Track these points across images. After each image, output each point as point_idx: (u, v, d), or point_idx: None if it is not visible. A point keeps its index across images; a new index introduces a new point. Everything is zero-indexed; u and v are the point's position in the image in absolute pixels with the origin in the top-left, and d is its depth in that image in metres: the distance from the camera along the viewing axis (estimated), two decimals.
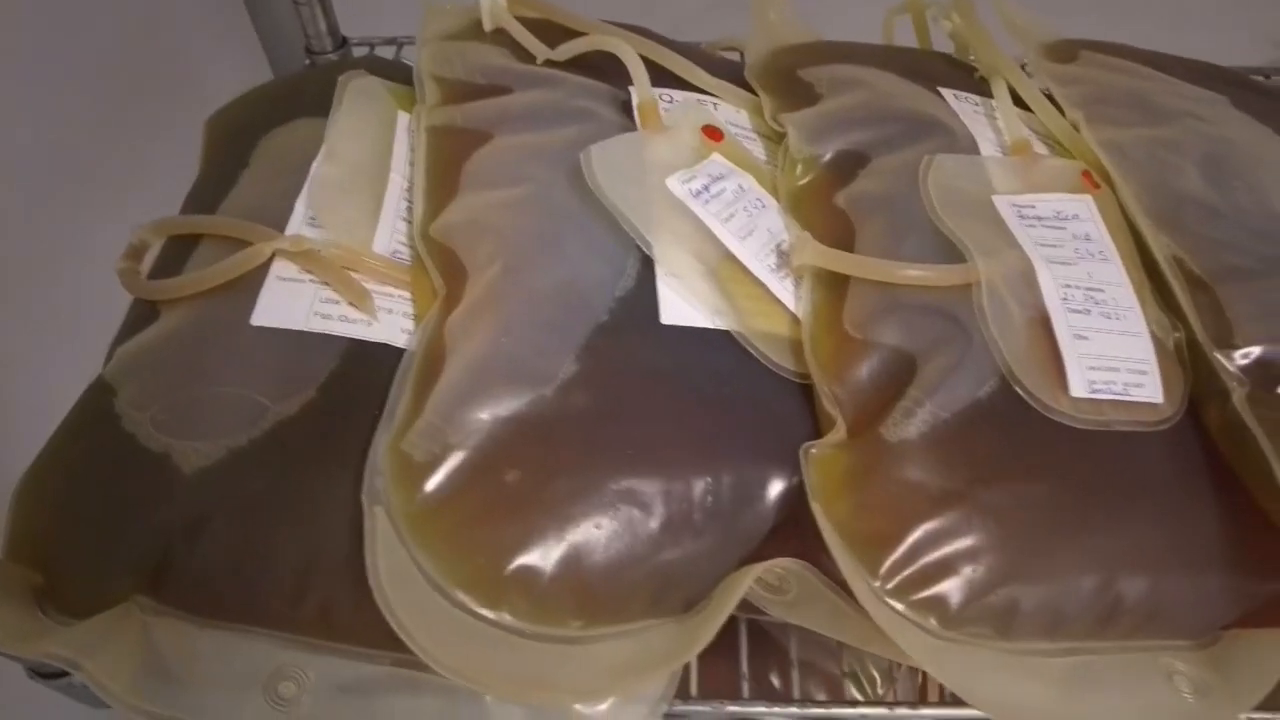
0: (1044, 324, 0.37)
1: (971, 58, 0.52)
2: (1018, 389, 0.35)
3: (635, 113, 0.43)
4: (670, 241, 0.38)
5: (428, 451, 0.33)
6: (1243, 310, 0.39)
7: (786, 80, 0.47)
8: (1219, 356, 0.38)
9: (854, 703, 0.37)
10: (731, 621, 0.41)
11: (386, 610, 0.29)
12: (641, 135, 0.41)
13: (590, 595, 0.32)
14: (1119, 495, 0.35)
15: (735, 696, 0.38)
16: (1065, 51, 0.50)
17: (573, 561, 0.32)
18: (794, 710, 0.37)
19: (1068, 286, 0.38)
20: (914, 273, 0.37)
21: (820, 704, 0.38)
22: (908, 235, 0.39)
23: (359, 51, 0.65)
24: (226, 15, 0.65)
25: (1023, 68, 0.50)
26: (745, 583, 0.33)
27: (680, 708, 0.37)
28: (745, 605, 0.36)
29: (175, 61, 0.63)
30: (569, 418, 0.34)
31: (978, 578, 0.33)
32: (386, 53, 0.62)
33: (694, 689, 0.38)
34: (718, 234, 0.39)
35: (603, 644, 0.33)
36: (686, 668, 0.38)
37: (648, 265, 0.38)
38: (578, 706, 0.33)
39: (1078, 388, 0.36)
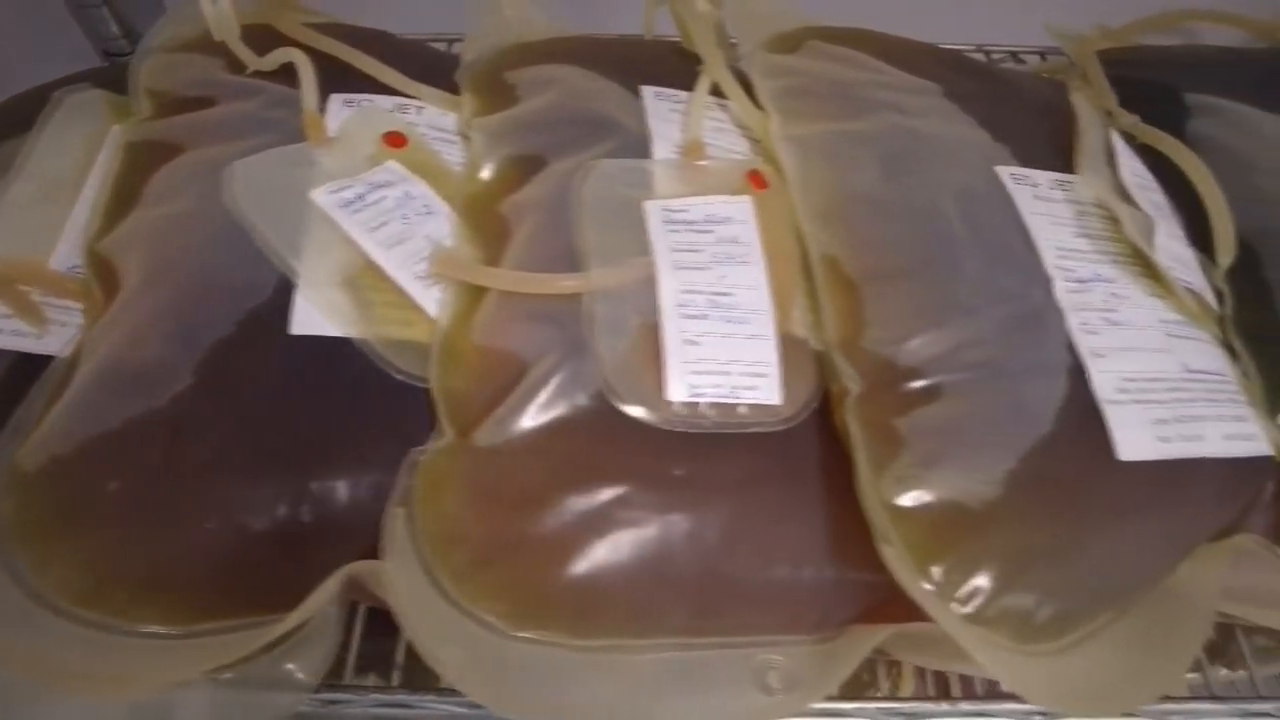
0: (656, 330, 0.38)
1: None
2: (609, 395, 0.36)
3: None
4: (314, 252, 0.40)
5: (38, 463, 0.35)
6: (880, 311, 0.39)
7: (492, 83, 0.47)
8: (839, 357, 0.38)
9: None
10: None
11: None
12: (301, 147, 0.42)
13: (182, 596, 0.35)
14: (713, 493, 0.36)
15: (387, 684, 0.40)
16: (790, 42, 0.49)
17: (164, 566, 0.35)
18: (431, 696, 0.39)
19: (689, 292, 0.39)
20: (533, 282, 0.38)
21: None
22: (553, 242, 0.40)
23: None
24: (51, 14, 0.67)
25: None
26: (331, 585, 0.34)
27: (327, 695, 0.39)
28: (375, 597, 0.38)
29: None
30: (177, 429, 0.36)
31: (551, 577, 0.35)
32: None
33: (348, 676, 0.40)
34: (360, 243, 0.40)
35: (203, 640, 0.35)
36: (344, 654, 0.40)
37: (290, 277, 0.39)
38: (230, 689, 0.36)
39: (676, 392, 0.37)
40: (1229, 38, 0.64)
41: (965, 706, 0.40)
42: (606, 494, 0.35)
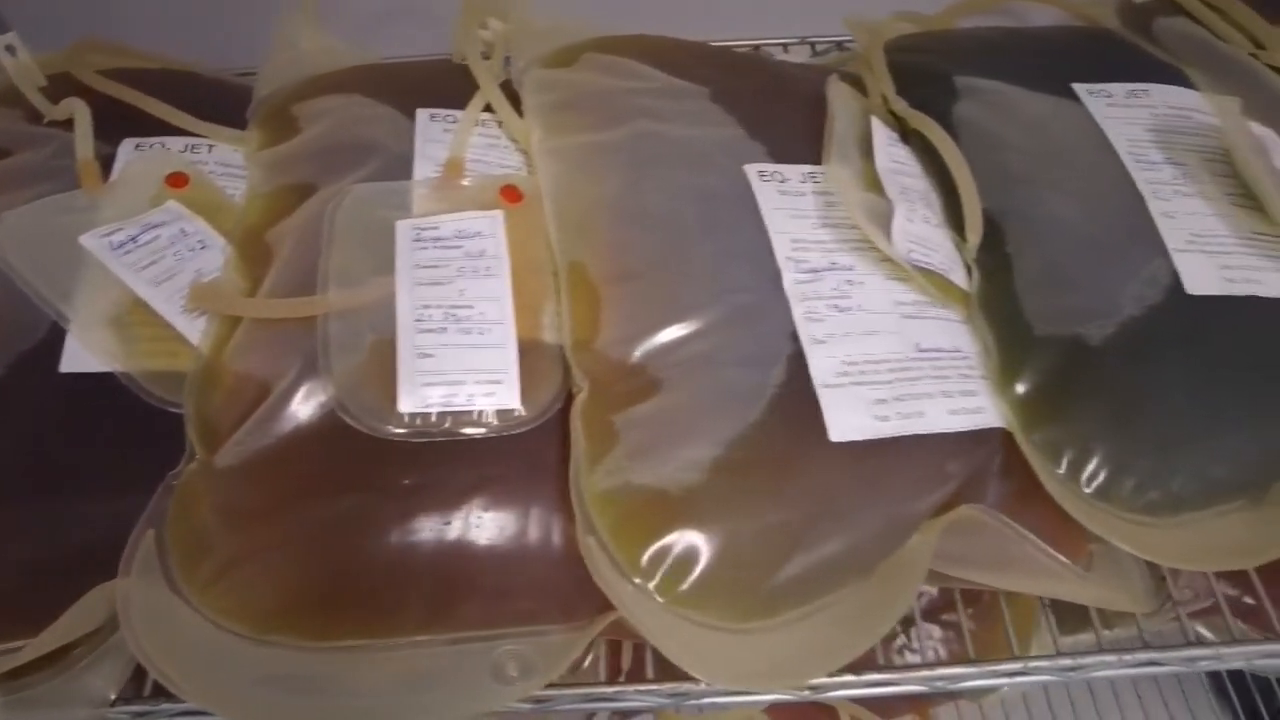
0: (392, 346, 0.40)
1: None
2: (339, 411, 0.38)
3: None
4: (85, 294, 0.42)
5: None
6: (613, 314, 0.41)
7: (277, 117, 0.49)
8: (573, 360, 0.40)
9: None
10: None
11: None
12: (74, 194, 0.45)
13: None
14: (446, 497, 0.38)
15: None
16: (569, 56, 0.51)
17: None
18: None
19: (426, 307, 0.41)
20: (274, 308, 0.41)
21: None
22: (305, 266, 0.42)
23: None
24: None
25: None
26: (84, 607, 0.37)
27: (124, 709, 0.42)
28: None
29: None
30: None
31: (290, 585, 0.37)
32: None
33: (149, 689, 0.43)
34: (128, 282, 0.42)
35: None
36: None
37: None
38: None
39: (408, 404, 0.39)
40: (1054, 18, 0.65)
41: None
42: (339, 505, 0.37)
